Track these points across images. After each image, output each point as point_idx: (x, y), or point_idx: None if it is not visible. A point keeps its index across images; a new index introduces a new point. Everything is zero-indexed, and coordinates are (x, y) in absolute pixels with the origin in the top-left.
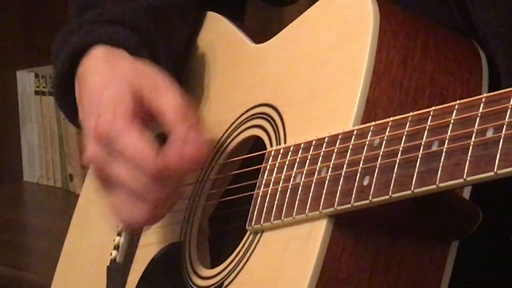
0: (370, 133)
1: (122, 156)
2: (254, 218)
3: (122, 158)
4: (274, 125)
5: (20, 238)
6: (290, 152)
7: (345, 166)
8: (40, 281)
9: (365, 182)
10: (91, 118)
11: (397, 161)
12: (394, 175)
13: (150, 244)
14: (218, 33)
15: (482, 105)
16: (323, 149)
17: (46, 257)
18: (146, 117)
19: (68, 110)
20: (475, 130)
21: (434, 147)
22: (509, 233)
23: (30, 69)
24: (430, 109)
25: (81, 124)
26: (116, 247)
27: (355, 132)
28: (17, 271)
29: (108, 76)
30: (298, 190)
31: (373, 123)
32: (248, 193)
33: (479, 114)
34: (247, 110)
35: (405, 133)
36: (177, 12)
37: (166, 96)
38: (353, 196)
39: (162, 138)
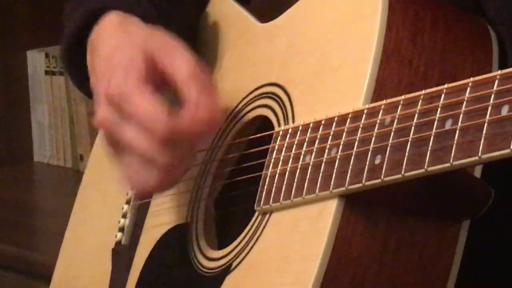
0: (381, 111)
1: (133, 118)
2: (262, 199)
3: (133, 121)
4: (282, 104)
5: (31, 218)
6: (299, 132)
7: (356, 145)
8: (50, 262)
9: (377, 161)
10: (102, 81)
11: (410, 139)
12: (406, 153)
13: (155, 226)
14: (224, 14)
15: (496, 82)
16: (333, 128)
17: (56, 237)
18: (159, 81)
19: (75, 72)
20: (490, 107)
21: (448, 125)
22: None
23: (40, 49)
24: (443, 86)
25: (92, 89)
26: (121, 229)
27: (365, 111)
28: (27, 252)
29: (121, 40)
30: (308, 170)
31: (384, 101)
32: (256, 174)
33: (494, 91)
34: (254, 90)
35: (417, 111)
36: None
37: (178, 58)
38: (365, 175)
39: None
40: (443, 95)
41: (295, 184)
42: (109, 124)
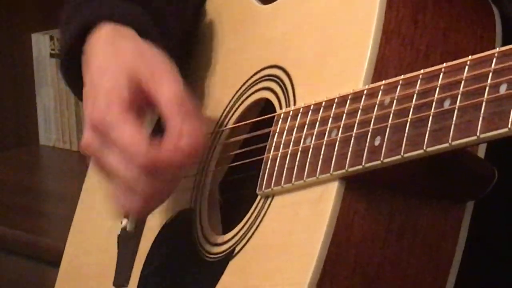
0: (380, 92)
1: (115, 146)
2: (264, 182)
3: (115, 148)
4: (283, 86)
5: (37, 202)
6: (299, 114)
7: (355, 126)
8: (56, 246)
9: (377, 143)
10: (88, 103)
11: (409, 120)
12: (405, 134)
13: (160, 212)
14: None
15: (494, 60)
16: (333, 110)
17: (63, 221)
18: (144, 103)
19: (71, 82)
20: (488, 86)
21: (446, 105)
22: None
23: (45, 32)
24: (441, 65)
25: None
26: (127, 215)
27: (365, 92)
28: (34, 236)
29: (108, 58)
30: (309, 152)
31: (383, 82)
32: (258, 157)
33: (492, 70)
34: (256, 73)
35: (416, 91)
36: None
37: (163, 85)
38: (365, 157)
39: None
40: (441, 74)
41: (296, 167)
42: (92, 149)
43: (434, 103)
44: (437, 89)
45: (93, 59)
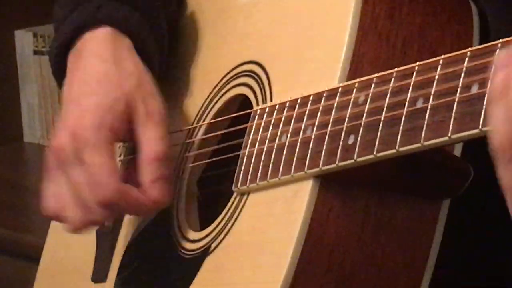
0: (354, 90)
1: (87, 168)
2: (240, 179)
3: (86, 169)
4: (260, 83)
5: (21, 199)
6: (275, 111)
7: (330, 124)
8: (40, 243)
9: (350, 141)
10: (74, 107)
11: (382, 118)
12: (379, 133)
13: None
14: None
15: (467, 59)
16: (308, 107)
17: (47, 218)
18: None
19: (60, 78)
20: (459, 86)
21: (419, 104)
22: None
23: (28, 28)
24: (414, 64)
25: (62, 97)
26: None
27: (340, 89)
28: (18, 233)
29: (109, 71)
30: (284, 150)
31: (357, 79)
32: (235, 153)
33: (464, 69)
34: (234, 68)
35: (389, 89)
36: None
37: (150, 131)
38: (338, 155)
39: None
40: (414, 73)
41: (271, 164)
42: (63, 154)
43: (407, 102)
44: (410, 88)
45: (89, 59)
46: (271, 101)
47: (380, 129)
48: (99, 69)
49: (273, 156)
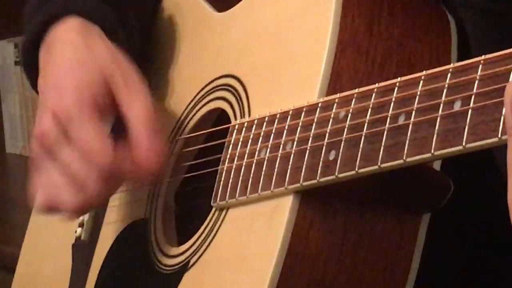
0: (335, 105)
1: (76, 144)
2: (219, 195)
3: (75, 146)
4: (238, 97)
5: (3, 210)
6: (254, 126)
7: (310, 140)
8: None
9: (331, 157)
10: (53, 92)
11: (363, 134)
12: (360, 149)
13: (115, 222)
14: (181, 3)
15: (449, 75)
16: (288, 122)
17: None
18: (106, 107)
19: (32, 75)
20: (442, 102)
21: (401, 120)
22: (481, 205)
23: (9, 39)
24: (396, 80)
25: (39, 91)
26: (81, 225)
27: (320, 105)
28: (1, 245)
29: (82, 55)
30: (263, 165)
31: (338, 95)
32: (213, 169)
33: (446, 85)
34: (211, 81)
35: (370, 105)
36: None
37: (134, 100)
38: (319, 171)
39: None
40: (396, 89)
41: (250, 180)
42: (49, 139)
43: (388, 118)
44: (392, 104)
45: (61, 47)
46: (249, 115)
47: (361, 145)
48: (72, 56)
49: (252, 171)
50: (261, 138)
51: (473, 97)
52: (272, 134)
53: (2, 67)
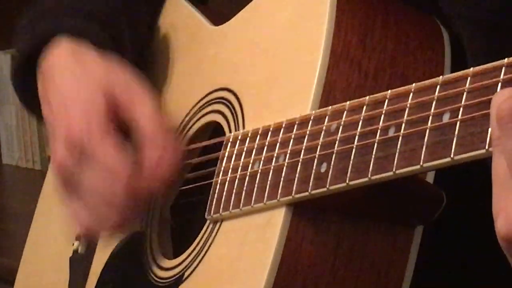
0: (327, 118)
1: (96, 165)
2: (213, 207)
3: (96, 166)
4: (232, 110)
5: (1, 222)
6: (248, 138)
7: (302, 152)
8: (17, 266)
9: (323, 169)
10: (61, 120)
11: (354, 147)
12: (351, 161)
13: (111, 235)
14: (177, 16)
15: (438, 87)
16: (281, 134)
17: (24, 241)
18: (118, 117)
19: (25, 97)
20: (431, 114)
21: (391, 132)
22: (474, 217)
23: (6, 50)
24: (386, 92)
25: (46, 120)
26: (78, 238)
27: (312, 117)
28: None
29: (79, 75)
30: (256, 177)
31: (330, 107)
32: (208, 181)
33: (436, 97)
34: (206, 95)
35: (361, 117)
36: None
37: (141, 107)
38: (311, 183)
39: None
40: (386, 101)
41: (244, 192)
42: (68, 166)
43: (379, 131)
44: (382, 116)
45: (60, 75)
46: (243, 128)
47: (352, 157)
48: (72, 81)
49: (245, 184)
50: (254, 150)
51: (461, 109)
52: (266, 147)
53: None
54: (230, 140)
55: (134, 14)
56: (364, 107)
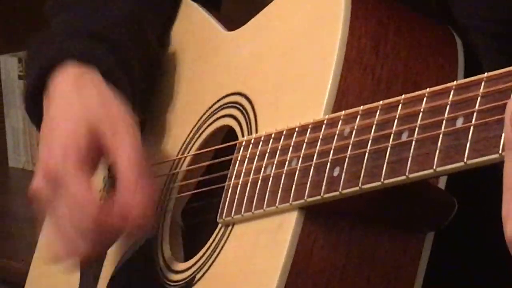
0: (340, 122)
1: (67, 198)
2: (225, 211)
3: (66, 199)
4: (245, 114)
5: (5, 224)
6: (260, 142)
7: (315, 156)
8: (25, 269)
9: (335, 173)
10: (43, 147)
11: (367, 151)
12: (364, 165)
13: (123, 237)
14: (191, 21)
15: (452, 92)
16: (294, 139)
17: (31, 244)
18: (98, 154)
19: (36, 120)
20: (445, 119)
21: (404, 137)
22: (485, 223)
23: (13, 53)
24: (400, 97)
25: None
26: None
27: (325, 122)
28: (2, 259)
29: (71, 103)
30: (269, 181)
31: (343, 112)
32: (220, 185)
33: (449, 102)
34: (220, 99)
35: (375, 122)
36: (152, 9)
37: (122, 146)
38: (323, 187)
39: None
40: (400, 106)
41: (256, 196)
42: (43, 195)
43: (392, 135)
44: (396, 120)
45: (56, 100)
46: (256, 132)
47: (365, 161)
48: (64, 108)
49: (258, 187)
50: (267, 154)
51: (475, 113)
52: (278, 151)
53: (6, 81)
54: (243, 144)
55: (143, 28)
56: (378, 112)
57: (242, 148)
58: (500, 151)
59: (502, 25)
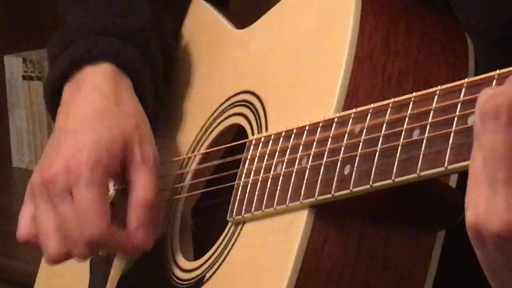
0: (351, 120)
1: (76, 204)
2: (235, 209)
3: (76, 204)
4: (255, 112)
5: (9, 224)
6: (271, 141)
7: (325, 155)
8: (29, 269)
9: (346, 171)
10: (71, 142)
11: (378, 149)
12: (374, 163)
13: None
14: (201, 19)
15: (463, 90)
16: (304, 137)
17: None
18: (121, 164)
19: (54, 112)
20: (456, 117)
21: (415, 135)
22: None
23: (17, 53)
24: (411, 95)
25: (57, 124)
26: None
27: (335, 120)
28: (5, 259)
29: (108, 106)
30: (279, 180)
31: (353, 110)
32: (231, 183)
33: (461, 100)
34: (229, 98)
35: (385, 120)
36: (170, 11)
37: (143, 177)
38: (334, 185)
39: None
40: (411, 104)
41: (266, 194)
42: (54, 187)
43: (403, 133)
44: (406, 119)
45: (89, 92)
46: (266, 130)
47: (376, 159)
48: (99, 105)
49: (268, 186)
50: (277, 153)
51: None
52: (288, 149)
53: (10, 82)
54: (253, 142)
55: (162, 26)
56: (389, 110)
57: (252, 146)
58: None
59: (502, 29)
